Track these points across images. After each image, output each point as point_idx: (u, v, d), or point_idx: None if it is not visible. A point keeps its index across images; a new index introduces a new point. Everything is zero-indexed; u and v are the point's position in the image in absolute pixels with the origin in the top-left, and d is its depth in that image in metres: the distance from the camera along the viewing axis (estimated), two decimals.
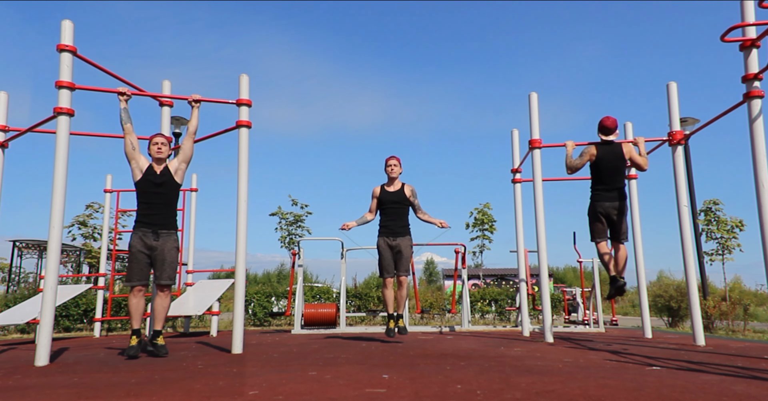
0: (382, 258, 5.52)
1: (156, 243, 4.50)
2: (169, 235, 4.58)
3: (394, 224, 5.54)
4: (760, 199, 3.89)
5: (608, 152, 5.42)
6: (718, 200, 16.22)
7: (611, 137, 5.47)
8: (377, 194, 5.65)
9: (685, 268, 5.50)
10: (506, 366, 3.45)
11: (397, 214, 5.55)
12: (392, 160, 5.64)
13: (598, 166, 5.44)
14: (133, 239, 4.51)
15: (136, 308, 4.45)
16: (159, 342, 4.47)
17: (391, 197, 5.56)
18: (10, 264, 17.65)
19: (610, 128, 5.45)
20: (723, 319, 10.08)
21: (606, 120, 5.46)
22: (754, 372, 3.19)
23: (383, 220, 5.61)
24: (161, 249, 4.50)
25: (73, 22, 4.42)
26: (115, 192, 8.25)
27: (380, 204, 5.62)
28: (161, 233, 4.53)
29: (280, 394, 2.48)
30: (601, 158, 5.42)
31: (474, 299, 12.37)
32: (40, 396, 2.58)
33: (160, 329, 4.55)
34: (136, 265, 4.46)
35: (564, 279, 28.84)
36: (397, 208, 5.55)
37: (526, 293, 7.05)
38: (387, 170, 5.64)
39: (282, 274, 25.09)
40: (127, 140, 4.58)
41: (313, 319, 7.93)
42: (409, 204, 5.61)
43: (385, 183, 5.67)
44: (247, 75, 5.04)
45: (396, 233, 5.51)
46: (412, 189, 5.62)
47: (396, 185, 5.62)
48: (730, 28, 4.10)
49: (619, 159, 5.41)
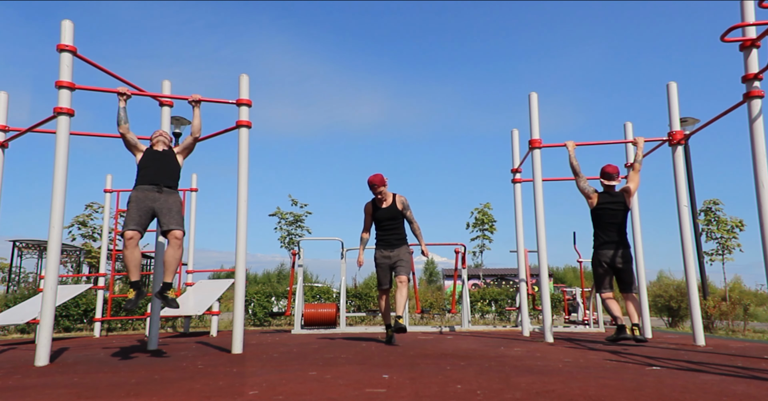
0: (380, 270, 5.54)
1: (159, 195, 4.36)
2: (172, 192, 4.45)
3: (391, 237, 5.55)
4: (760, 199, 3.89)
5: (609, 202, 5.37)
6: (718, 200, 16.22)
7: (613, 182, 5.44)
8: (370, 211, 5.60)
9: (685, 268, 5.50)
10: (506, 366, 3.45)
11: (392, 228, 5.55)
12: (379, 187, 5.43)
13: (599, 215, 5.39)
14: (133, 192, 4.35)
15: (131, 259, 4.24)
16: (169, 296, 4.28)
17: (385, 214, 5.53)
18: (10, 264, 17.64)
19: (611, 173, 5.43)
20: (723, 319, 10.08)
21: (608, 167, 5.46)
22: (754, 372, 3.19)
23: (379, 234, 5.60)
24: (165, 199, 4.36)
25: (73, 22, 4.42)
26: (115, 192, 8.26)
27: (375, 220, 5.60)
28: (165, 189, 4.40)
29: (280, 394, 2.48)
30: (601, 207, 5.37)
31: (474, 299, 12.37)
32: (40, 396, 2.58)
33: (170, 281, 4.34)
34: (134, 211, 4.25)
35: (564, 279, 28.82)
36: (391, 223, 5.54)
37: (526, 293, 7.05)
38: (377, 198, 5.52)
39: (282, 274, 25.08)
40: (126, 137, 4.57)
41: (313, 319, 7.93)
42: (404, 217, 5.58)
43: (376, 199, 5.57)
44: (247, 75, 5.05)
45: (393, 245, 5.52)
46: (403, 201, 5.55)
47: (387, 200, 5.54)
48: (730, 28, 4.10)
49: (619, 210, 5.35)
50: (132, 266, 4.27)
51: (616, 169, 5.46)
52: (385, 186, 5.48)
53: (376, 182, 5.42)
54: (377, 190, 5.46)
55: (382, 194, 5.48)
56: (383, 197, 5.50)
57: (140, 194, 4.33)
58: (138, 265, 4.30)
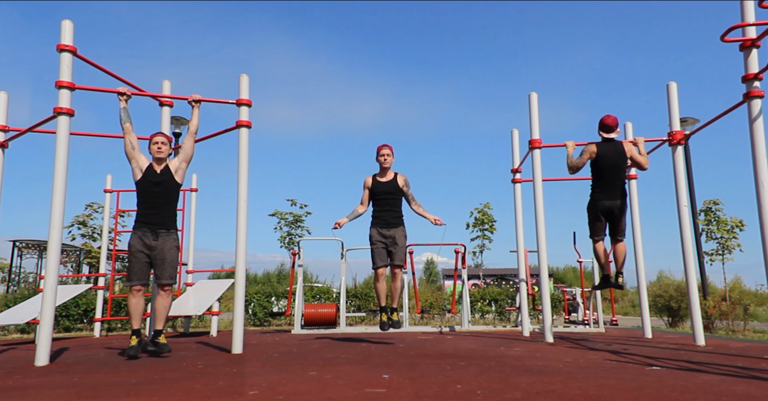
0: (375, 248, 5.36)
1: (155, 243, 4.49)
2: (169, 235, 4.57)
3: (388, 214, 5.40)
4: (760, 199, 3.89)
5: (609, 150, 5.42)
6: (718, 200, 16.23)
7: (612, 134, 5.47)
8: (369, 184, 5.51)
9: (685, 268, 5.50)
10: (506, 366, 3.45)
11: (390, 204, 5.41)
12: (385, 149, 5.46)
13: (599, 164, 5.43)
14: (132, 239, 4.51)
15: (135, 308, 4.44)
16: (161, 341, 4.47)
17: (384, 187, 5.42)
18: (10, 264, 17.65)
19: (610, 125, 5.45)
20: (723, 319, 10.07)
21: (607, 118, 5.46)
22: (754, 372, 3.19)
23: (376, 211, 5.47)
24: (161, 249, 4.50)
25: (73, 22, 4.41)
26: (115, 192, 8.25)
27: (372, 195, 5.48)
28: (161, 233, 4.52)
29: (280, 394, 2.48)
30: (601, 155, 5.41)
31: (474, 299, 12.37)
32: (40, 396, 2.58)
33: (161, 328, 4.54)
34: (136, 265, 4.45)
35: (564, 279, 28.80)
36: (389, 198, 5.41)
37: (526, 293, 7.05)
38: (380, 159, 5.46)
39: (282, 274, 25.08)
40: (126, 139, 4.58)
41: (313, 319, 7.93)
42: (403, 195, 5.47)
43: (377, 173, 5.53)
44: (247, 75, 5.05)
45: (390, 224, 5.38)
46: (405, 179, 5.49)
47: (388, 175, 5.48)
48: (730, 28, 4.10)
49: (620, 157, 5.41)
50: (136, 314, 4.48)
51: (616, 120, 5.47)
52: (391, 152, 5.46)
53: (384, 145, 5.48)
54: (382, 151, 5.45)
55: (385, 158, 5.42)
56: (386, 162, 5.43)
57: (138, 243, 4.48)
58: (141, 313, 4.52)
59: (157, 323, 4.56)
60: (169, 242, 4.55)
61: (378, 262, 5.34)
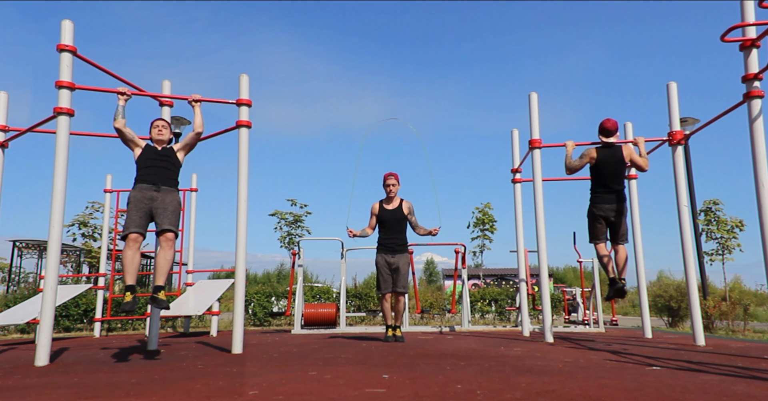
0: (381, 275, 5.74)
1: (157, 194, 4.36)
2: (171, 191, 4.45)
3: (393, 242, 5.76)
4: (760, 199, 3.89)
5: (608, 156, 5.42)
6: (718, 200, 16.23)
7: (611, 139, 5.47)
8: (376, 211, 5.84)
9: (685, 268, 5.50)
10: (506, 366, 3.45)
11: (395, 231, 5.78)
12: (391, 178, 5.78)
13: (598, 169, 5.44)
14: (132, 192, 4.36)
15: (131, 261, 4.23)
16: (160, 297, 4.23)
17: (391, 215, 5.76)
18: (10, 264, 17.64)
19: (610, 130, 5.45)
20: (723, 319, 10.07)
21: (606, 122, 5.46)
22: (754, 372, 3.19)
23: (382, 237, 5.81)
24: (162, 199, 4.36)
25: (73, 22, 4.42)
26: (115, 192, 8.26)
27: (379, 221, 5.82)
28: (163, 188, 4.40)
29: (280, 394, 2.48)
30: (601, 161, 5.42)
31: (474, 299, 12.37)
32: (40, 396, 2.58)
33: (162, 284, 4.32)
34: (135, 213, 4.25)
35: (564, 279, 28.81)
36: (395, 225, 5.76)
37: (526, 293, 7.05)
38: (386, 189, 5.80)
39: (282, 274, 25.08)
40: (124, 130, 4.49)
41: (313, 319, 7.93)
42: (408, 221, 5.82)
43: (383, 200, 5.86)
44: (247, 75, 5.05)
45: (394, 251, 5.74)
46: (409, 206, 5.83)
47: (394, 202, 5.80)
48: (730, 28, 4.10)
49: (619, 162, 5.41)
50: (131, 268, 4.26)
51: (615, 125, 5.48)
52: (397, 182, 5.80)
53: (390, 175, 5.81)
54: (388, 181, 5.77)
55: (391, 189, 5.75)
56: (392, 192, 5.76)
57: (138, 194, 4.34)
58: (137, 268, 4.31)
59: (158, 278, 4.34)
60: (172, 194, 4.43)
61: (383, 289, 5.75)
